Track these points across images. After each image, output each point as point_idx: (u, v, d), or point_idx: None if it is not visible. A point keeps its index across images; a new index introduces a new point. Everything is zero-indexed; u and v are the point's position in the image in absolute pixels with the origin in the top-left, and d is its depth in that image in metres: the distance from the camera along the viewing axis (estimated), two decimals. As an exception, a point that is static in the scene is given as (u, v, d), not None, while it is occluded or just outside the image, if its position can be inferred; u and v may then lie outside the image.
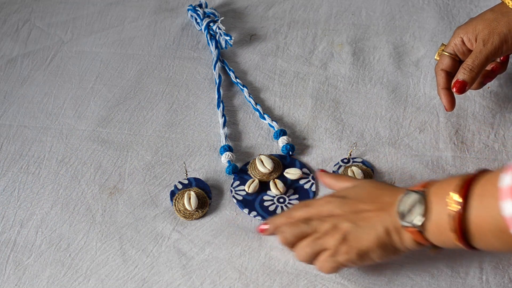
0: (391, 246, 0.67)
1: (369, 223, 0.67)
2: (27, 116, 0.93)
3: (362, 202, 0.69)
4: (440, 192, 0.63)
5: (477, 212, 0.59)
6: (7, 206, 0.82)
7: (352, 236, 0.68)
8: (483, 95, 0.92)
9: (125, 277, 0.75)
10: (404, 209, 0.64)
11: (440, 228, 0.62)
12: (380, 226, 0.66)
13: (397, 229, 0.66)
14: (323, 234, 0.69)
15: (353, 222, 0.68)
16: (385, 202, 0.68)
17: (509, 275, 0.73)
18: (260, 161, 0.84)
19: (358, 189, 0.71)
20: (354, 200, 0.70)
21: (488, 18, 0.81)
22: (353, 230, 0.68)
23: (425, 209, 0.63)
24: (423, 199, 0.63)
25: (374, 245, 0.67)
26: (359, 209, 0.69)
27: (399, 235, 0.66)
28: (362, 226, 0.67)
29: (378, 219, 0.67)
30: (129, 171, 0.86)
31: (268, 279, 0.74)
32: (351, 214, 0.69)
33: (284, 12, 1.08)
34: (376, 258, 0.68)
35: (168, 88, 0.96)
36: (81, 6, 1.10)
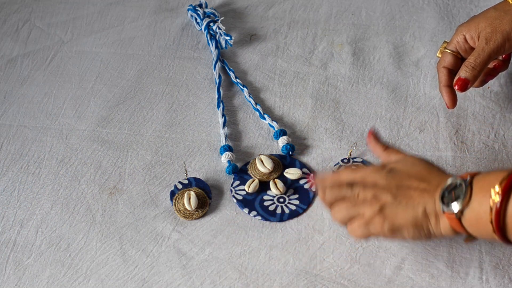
0: (426, 228, 0.67)
1: (410, 201, 0.67)
2: (27, 116, 0.93)
3: (409, 179, 0.69)
4: (484, 183, 0.63)
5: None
6: (7, 206, 0.82)
7: (389, 210, 0.68)
8: (483, 95, 0.92)
9: (125, 277, 0.75)
10: (447, 194, 0.65)
11: (479, 218, 0.63)
12: (420, 207, 0.67)
13: (436, 213, 0.66)
14: (362, 201, 0.69)
15: (394, 196, 0.68)
16: (431, 183, 0.68)
17: (509, 275, 0.73)
18: (260, 161, 0.84)
19: (409, 165, 0.71)
20: (401, 175, 0.69)
21: (491, 16, 0.81)
22: (392, 204, 0.68)
23: (467, 197, 0.63)
24: (467, 187, 0.64)
25: (409, 224, 0.67)
26: (405, 185, 0.68)
27: (437, 219, 0.66)
28: (402, 202, 0.67)
29: (420, 199, 0.67)
30: (129, 171, 0.86)
31: (268, 279, 0.74)
32: (395, 188, 0.68)
33: (284, 12, 1.08)
34: (408, 237, 0.68)
35: (168, 88, 0.96)
36: (81, 6, 1.10)
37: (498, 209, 0.61)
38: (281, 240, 0.78)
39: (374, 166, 0.72)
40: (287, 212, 0.80)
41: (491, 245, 0.76)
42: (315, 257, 0.76)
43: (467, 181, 0.64)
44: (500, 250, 0.75)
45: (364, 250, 0.76)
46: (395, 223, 0.67)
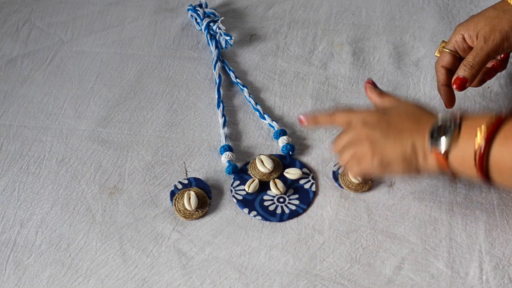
0: (414, 164, 0.70)
1: (399, 137, 0.70)
2: (27, 116, 0.93)
3: (400, 119, 0.72)
4: (473, 124, 0.66)
5: (499, 152, 0.63)
6: (7, 206, 0.82)
7: (379, 145, 0.71)
8: (483, 95, 0.92)
9: (125, 277, 0.75)
10: (436, 132, 0.68)
11: (464, 158, 0.66)
12: (409, 143, 0.70)
13: (424, 150, 0.69)
14: (358, 140, 0.73)
15: (384, 133, 0.71)
16: (422, 123, 0.71)
17: (509, 275, 0.73)
18: (260, 161, 0.84)
19: (402, 108, 0.74)
20: (393, 115, 0.73)
21: (490, 15, 0.81)
22: (381, 140, 0.71)
23: (455, 137, 0.66)
24: (456, 127, 0.66)
25: (398, 158, 0.70)
26: (395, 123, 0.72)
27: (425, 156, 0.69)
28: (391, 138, 0.71)
29: (409, 136, 0.70)
30: (129, 171, 0.86)
31: (268, 279, 0.74)
32: (386, 125, 0.72)
33: (284, 12, 1.08)
34: (398, 171, 0.72)
35: (168, 88, 0.96)
36: (81, 6, 1.10)
37: (482, 153, 0.64)
38: (281, 240, 0.78)
39: (369, 110, 0.76)
40: (287, 212, 0.81)
41: (491, 245, 0.76)
42: (315, 257, 0.76)
43: (456, 122, 0.67)
44: (500, 250, 0.75)
45: (364, 250, 0.76)
46: (384, 157, 0.71)
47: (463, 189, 0.82)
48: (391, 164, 0.71)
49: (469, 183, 0.82)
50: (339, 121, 0.77)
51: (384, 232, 0.78)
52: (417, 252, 0.76)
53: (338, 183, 0.83)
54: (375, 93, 0.79)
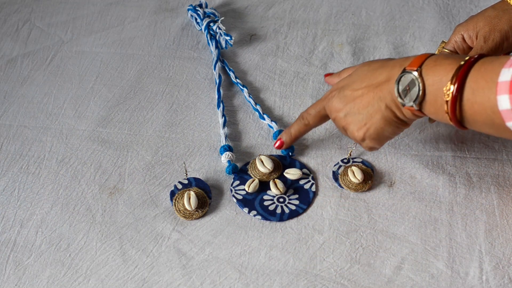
0: (397, 119, 0.72)
1: (371, 106, 0.72)
2: (27, 116, 0.93)
3: (358, 86, 0.74)
4: (436, 75, 0.65)
5: (471, 102, 0.63)
6: (7, 206, 0.82)
7: (361, 125, 0.73)
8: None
9: (125, 277, 0.75)
10: (402, 89, 0.68)
11: (436, 109, 0.66)
12: (382, 105, 0.71)
13: (397, 104, 0.71)
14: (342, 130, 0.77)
15: (356, 111, 0.73)
16: (381, 80, 0.72)
17: (509, 275, 0.73)
18: (260, 161, 0.84)
19: (354, 75, 0.76)
20: (350, 87, 0.75)
21: (489, 15, 0.81)
22: (359, 119, 0.73)
23: (421, 91, 0.66)
24: (419, 80, 0.66)
25: (383, 124, 0.72)
26: (358, 95, 0.73)
27: (400, 109, 0.71)
28: (365, 112, 0.72)
29: (378, 99, 0.72)
30: (129, 171, 0.86)
31: (268, 279, 0.74)
32: (352, 105, 0.74)
33: (284, 12, 1.08)
34: (391, 134, 0.74)
35: (168, 88, 0.96)
36: (81, 6, 1.10)
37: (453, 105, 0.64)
38: (281, 240, 0.78)
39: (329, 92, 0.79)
40: (287, 212, 0.81)
41: (491, 245, 0.76)
42: (315, 257, 0.76)
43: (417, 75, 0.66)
44: (500, 250, 0.75)
45: (364, 250, 0.76)
46: (374, 132, 0.73)
47: (463, 189, 0.82)
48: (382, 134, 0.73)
49: (469, 183, 0.82)
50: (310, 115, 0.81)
51: (384, 232, 0.78)
52: (417, 252, 0.76)
53: (338, 183, 0.83)
54: (333, 77, 0.84)
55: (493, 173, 0.83)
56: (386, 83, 0.71)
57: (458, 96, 0.63)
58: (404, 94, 0.68)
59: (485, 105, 0.61)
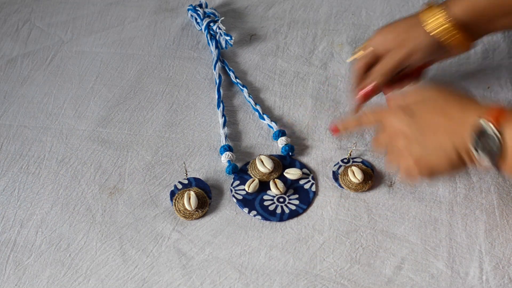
0: (462, 165, 0.68)
1: (439, 145, 0.68)
2: (27, 116, 0.93)
3: (431, 119, 0.69)
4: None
5: None
6: (7, 206, 0.82)
7: (423, 161, 0.69)
8: (483, 95, 0.92)
9: (125, 277, 0.75)
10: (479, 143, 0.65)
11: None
12: (451, 148, 0.67)
13: (467, 151, 0.67)
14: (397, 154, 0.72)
15: (423, 146, 0.69)
16: (455, 120, 0.68)
17: (509, 275, 0.73)
18: (260, 161, 0.84)
19: (427, 101, 0.71)
20: (422, 116, 0.70)
21: (399, 30, 0.81)
22: (424, 155, 0.69)
23: (501, 153, 0.64)
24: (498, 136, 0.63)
25: (446, 167, 0.69)
26: (428, 128, 0.69)
27: (471, 158, 0.67)
28: (432, 149, 0.68)
29: (448, 140, 0.67)
30: (129, 171, 0.86)
31: (268, 279, 0.74)
32: (421, 135, 0.69)
33: (284, 12, 1.08)
34: (446, 176, 0.73)
35: (168, 88, 0.96)
36: (81, 6, 1.10)
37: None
38: (281, 240, 0.78)
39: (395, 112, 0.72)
40: (287, 212, 0.81)
41: (491, 245, 0.76)
42: (315, 257, 0.76)
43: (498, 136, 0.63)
44: (500, 250, 0.75)
45: (364, 250, 0.76)
46: (433, 170, 0.69)
47: (463, 189, 0.82)
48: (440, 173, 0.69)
49: (469, 183, 0.82)
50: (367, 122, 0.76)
51: (384, 232, 0.78)
52: (417, 252, 0.76)
53: (338, 183, 0.83)
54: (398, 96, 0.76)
55: (493, 173, 0.83)
56: (461, 128, 0.67)
57: None
58: (480, 148, 0.65)
59: None
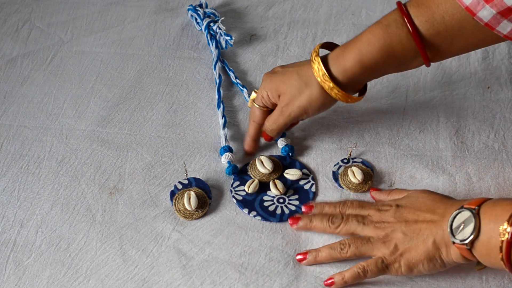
0: (439, 259, 0.69)
1: (420, 235, 0.69)
2: (27, 116, 0.93)
3: (415, 212, 0.71)
4: (493, 216, 0.64)
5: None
6: (7, 206, 0.82)
7: (402, 248, 0.70)
8: (483, 95, 0.92)
9: (125, 277, 0.75)
10: (456, 226, 0.66)
11: (489, 251, 0.64)
12: (430, 239, 0.69)
13: (446, 243, 0.68)
14: (376, 240, 0.72)
15: (405, 233, 0.70)
16: (438, 213, 0.70)
17: (509, 275, 0.73)
18: (260, 161, 0.84)
19: (413, 199, 0.73)
20: (408, 209, 0.72)
21: (293, 85, 0.80)
22: (404, 241, 0.70)
23: (476, 230, 0.64)
24: (476, 218, 0.64)
25: (423, 258, 0.69)
26: (413, 219, 0.71)
27: (447, 249, 0.68)
28: (413, 238, 0.70)
29: (429, 232, 0.69)
30: (129, 171, 0.86)
31: (268, 280, 0.74)
32: (404, 224, 0.71)
33: (284, 12, 1.08)
34: (424, 271, 0.70)
35: (168, 88, 0.96)
36: (81, 6, 1.10)
37: (508, 247, 0.61)
38: (281, 241, 0.78)
39: (379, 204, 0.75)
40: (287, 213, 0.80)
41: (491, 245, 0.76)
42: (315, 257, 0.76)
43: (474, 213, 0.65)
44: (500, 250, 0.75)
45: (364, 250, 0.76)
46: (411, 260, 0.70)
47: (462, 189, 0.82)
48: (417, 266, 0.70)
49: (469, 183, 0.82)
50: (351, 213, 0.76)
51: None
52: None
53: (338, 183, 0.83)
54: (382, 194, 0.79)
55: (493, 173, 0.83)
56: (441, 220, 0.69)
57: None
58: (456, 231, 0.66)
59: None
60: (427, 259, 0.69)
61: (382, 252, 0.71)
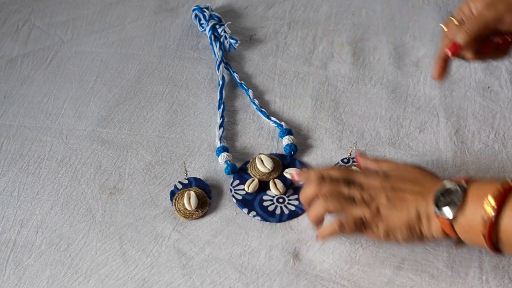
0: (418, 230, 0.68)
1: (404, 204, 0.69)
2: (27, 116, 0.93)
3: (403, 182, 0.70)
4: (480, 192, 0.64)
5: (510, 222, 0.61)
6: (7, 206, 0.82)
7: (384, 211, 0.69)
8: (483, 95, 0.92)
9: (125, 277, 0.75)
10: (441, 198, 0.66)
11: (471, 227, 0.64)
12: (413, 209, 0.68)
13: (428, 215, 0.67)
14: (359, 200, 0.71)
15: (389, 198, 0.70)
16: (425, 186, 0.69)
17: (509, 275, 0.73)
18: (260, 160, 0.84)
19: (402, 170, 0.72)
20: (396, 178, 0.71)
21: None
22: (387, 206, 0.69)
23: (461, 204, 0.64)
24: (462, 193, 0.64)
25: (403, 225, 0.68)
26: (399, 187, 0.70)
27: (429, 221, 0.68)
28: (396, 205, 0.69)
29: (414, 202, 0.68)
30: (129, 171, 0.86)
31: (268, 279, 0.74)
32: (390, 190, 0.70)
33: (284, 12, 1.08)
34: (401, 239, 0.70)
35: (168, 88, 0.96)
36: (81, 6, 1.10)
37: (492, 222, 0.62)
38: (281, 240, 0.78)
39: (368, 171, 0.74)
40: (286, 213, 0.80)
41: (491, 245, 0.76)
42: (315, 258, 0.76)
43: (462, 187, 0.65)
44: (500, 250, 0.75)
45: (364, 251, 0.76)
46: (390, 224, 0.69)
47: (463, 189, 0.82)
48: (395, 231, 0.69)
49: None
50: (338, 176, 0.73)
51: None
52: (417, 252, 0.76)
53: (338, 183, 0.83)
54: (369, 160, 0.76)
55: (493, 173, 0.83)
56: (427, 193, 0.68)
57: (498, 214, 0.61)
58: (441, 204, 0.65)
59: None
60: (407, 227, 0.68)
61: (363, 212, 0.70)
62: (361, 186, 0.72)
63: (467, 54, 0.78)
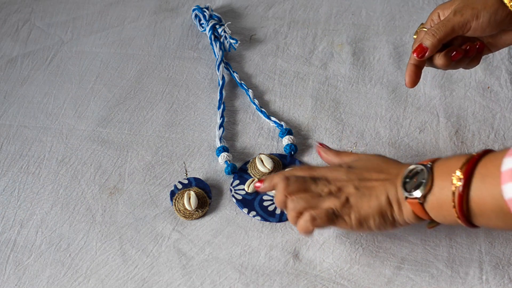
0: (391, 216, 0.68)
1: (373, 191, 0.69)
2: (27, 116, 0.93)
3: (368, 172, 0.71)
4: (445, 168, 0.64)
5: (479, 191, 0.61)
6: (7, 206, 0.82)
7: (354, 201, 0.69)
8: (483, 95, 0.92)
9: (125, 277, 0.75)
10: (408, 180, 0.66)
11: (442, 203, 0.64)
12: (383, 195, 0.68)
13: (398, 200, 0.68)
14: (327, 194, 0.70)
15: (357, 188, 0.70)
16: (391, 173, 0.69)
17: (509, 275, 0.73)
18: (260, 160, 0.84)
19: (365, 161, 0.73)
20: (360, 169, 0.71)
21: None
22: (356, 195, 0.69)
23: (429, 183, 0.64)
24: (428, 172, 0.65)
25: (375, 213, 0.68)
26: (365, 177, 0.70)
27: (400, 206, 0.68)
28: (365, 193, 0.69)
29: (382, 188, 0.69)
30: (129, 171, 0.86)
31: (268, 279, 0.74)
32: (357, 180, 0.70)
33: (284, 12, 1.08)
34: (374, 227, 0.69)
35: (168, 88, 0.96)
36: (81, 6, 1.10)
37: (461, 194, 0.62)
38: (281, 240, 0.78)
39: (331, 166, 0.75)
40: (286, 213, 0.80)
41: (491, 245, 0.76)
42: (315, 258, 0.76)
43: (428, 167, 0.65)
44: (500, 250, 0.75)
45: (364, 251, 0.76)
46: (361, 213, 0.69)
47: (463, 189, 0.82)
48: (367, 219, 0.69)
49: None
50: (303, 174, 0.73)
51: (384, 232, 0.78)
52: (417, 252, 0.76)
53: (338, 183, 0.83)
54: (330, 153, 0.77)
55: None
56: (394, 178, 0.68)
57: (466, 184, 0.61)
58: (409, 187, 0.66)
59: (491, 195, 0.60)
60: (379, 214, 0.68)
61: (333, 203, 0.70)
62: (327, 180, 0.72)
63: (438, 61, 0.78)
